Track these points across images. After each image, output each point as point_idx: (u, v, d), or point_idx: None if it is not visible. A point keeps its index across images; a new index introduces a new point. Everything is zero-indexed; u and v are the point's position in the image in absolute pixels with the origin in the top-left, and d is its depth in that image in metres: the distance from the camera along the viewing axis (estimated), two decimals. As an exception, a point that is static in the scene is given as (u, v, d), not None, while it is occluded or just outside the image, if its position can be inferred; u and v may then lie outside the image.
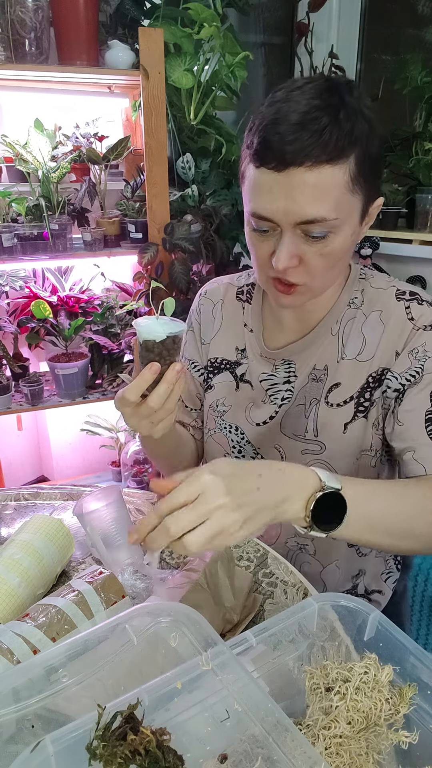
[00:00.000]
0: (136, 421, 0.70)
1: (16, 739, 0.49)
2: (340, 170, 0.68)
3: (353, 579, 0.98)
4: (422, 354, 0.81)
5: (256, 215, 0.73)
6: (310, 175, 0.68)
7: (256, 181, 0.71)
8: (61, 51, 1.77)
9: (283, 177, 0.68)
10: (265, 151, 0.69)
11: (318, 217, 0.69)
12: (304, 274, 0.75)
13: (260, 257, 0.77)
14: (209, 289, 1.01)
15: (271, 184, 0.70)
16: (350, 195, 0.71)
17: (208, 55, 1.90)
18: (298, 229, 0.71)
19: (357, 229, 0.76)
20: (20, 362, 1.98)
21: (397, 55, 2.31)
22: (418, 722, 0.51)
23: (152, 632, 0.53)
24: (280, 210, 0.70)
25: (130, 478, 2.23)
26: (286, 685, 0.54)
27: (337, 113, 0.67)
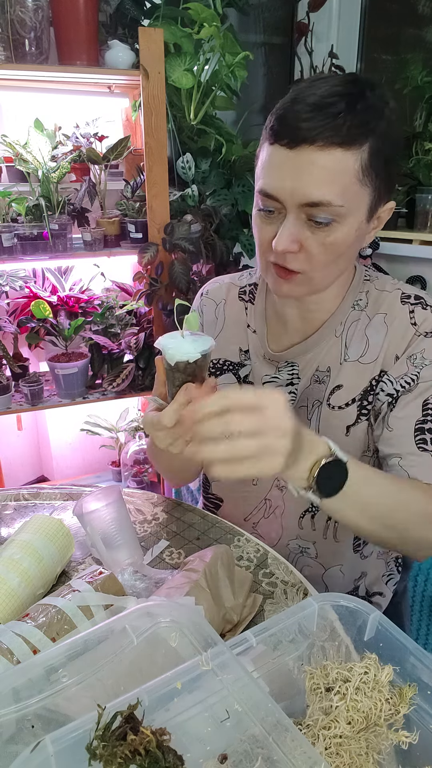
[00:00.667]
0: (169, 441, 0.68)
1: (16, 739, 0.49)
2: (351, 157, 0.68)
3: (354, 582, 0.98)
4: (420, 361, 0.81)
5: (263, 192, 0.73)
6: (320, 156, 0.68)
7: (269, 158, 0.72)
8: (61, 51, 1.77)
9: (294, 154, 0.69)
10: (279, 128, 0.69)
11: (324, 201, 0.69)
12: (304, 261, 0.74)
13: (263, 240, 0.76)
14: (211, 289, 1.00)
15: (281, 161, 0.70)
16: (359, 185, 0.71)
17: (208, 55, 1.90)
18: (303, 212, 0.71)
19: (363, 227, 0.75)
20: (20, 362, 1.98)
21: (397, 54, 2.31)
22: (418, 722, 0.51)
23: (152, 632, 0.53)
24: (287, 189, 0.70)
25: (130, 478, 2.23)
26: (286, 685, 0.54)
27: (355, 102, 0.68)
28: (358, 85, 0.70)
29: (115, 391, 1.99)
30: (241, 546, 0.88)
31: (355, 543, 0.94)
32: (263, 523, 0.97)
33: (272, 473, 0.61)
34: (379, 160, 0.71)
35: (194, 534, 0.91)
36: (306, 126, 0.67)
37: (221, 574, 0.72)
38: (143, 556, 0.84)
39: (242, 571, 0.77)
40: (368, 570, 0.99)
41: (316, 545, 0.94)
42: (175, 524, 0.94)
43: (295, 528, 0.94)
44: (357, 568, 0.97)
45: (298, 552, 0.95)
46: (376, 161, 0.70)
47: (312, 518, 0.92)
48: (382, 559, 1.02)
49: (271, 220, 0.74)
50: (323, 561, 0.95)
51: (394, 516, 0.74)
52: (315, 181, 0.69)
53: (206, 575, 0.70)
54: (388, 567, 1.04)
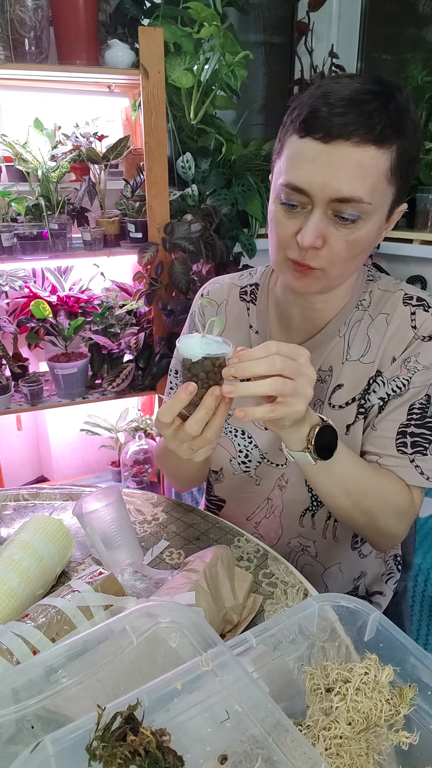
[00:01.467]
0: (176, 444, 0.68)
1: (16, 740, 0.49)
2: (383, 155, 0.69)
3: (354, 581, 0.98)
4: (414, 365, 0.81)
5: (291, 186, 0.72)
6: (355, 152, 0.68)
7: (298, 150, 0.71)
8: (60, 50, 1.77)
9: (329, 149, 0.68)
10: (313, 120, 0.69)
11: (355, 197, 0.69)
12: (325, 258, 0.74)
13: (283, 235, 0.75)
14: (211, 290, 0.99)
15: (314, 155, 0.69)
16: (386, 184, 0.71)
17: (208, 54, 1.90)
18: (330, 208, 0.71)
19: (382, 225, 0.76)
20: (20, 362, 1.98)
21: (397, 54, 2.31)
22: (418, 723, 0.51)
23: (152, 633, 0.53)
24: (319, 182, 0.69)
25: (130, 478, 2.23)
26: (286, 685, 0.54)
27: (387, 102, 0.69)
28: (387, 86, 0.71)
29: (115, 391, 1.99)
30: (241, 546, 0.88)
31: (353, 541, 0.94)
32: (265, 523, 0.97)
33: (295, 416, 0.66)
34: (405, 162, 0.72)
35: (194, 534, 0.91)
36: (341, 121, 0.67)
37: (221, 574, 0.72)
38: (143, 556, 0.84)
39: (242, 572, 0.77)
40: (367, 569, 0.99)
41: (316, 544, 0.94)
42: (175, 524, 0.94)
43: (296, 526, 0.94)
44: (356, 566, 0.97)
45: (299, 550, 0.95)
46: (403, 162, 0.71)
47: (312, 517, 0.92)
48: (380, 557, 1.02)
49: (294, 214, 0.73)
50: (323, 560, 0.95)
51: (368, 497, 0.80)
52: (348, 177, 0.68)
53: (206, 575, 0.70)
54: (387, 566, 1.04)
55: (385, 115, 0.68)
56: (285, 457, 0.91)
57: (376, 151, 0.68)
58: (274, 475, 0.93)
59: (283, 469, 0.92)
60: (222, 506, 1.02)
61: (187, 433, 0.64)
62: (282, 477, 0.92)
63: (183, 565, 0.76)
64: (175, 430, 0.66)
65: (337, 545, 0.93)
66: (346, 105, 0.67)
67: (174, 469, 0.98)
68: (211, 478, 1.02)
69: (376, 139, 0.68)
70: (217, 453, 0.97)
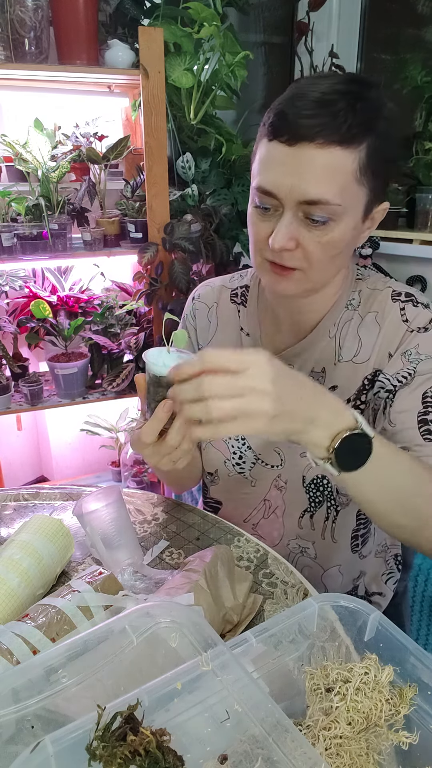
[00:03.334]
0: (157, 458, 0.69)
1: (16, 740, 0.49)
2: (350, 156, 0.68)
3: (353, 581, 0.98)
4: (415, 356, 0.80)
5: (262, 189, 0.72)
6: (320, 153, 0.68)
7: (267, 154, 0.71)
8: (60, 50, 1.77)
9: (294, 151, 0.68)
10: (279, 124, 0.69)
11: (322, 199, 0.69)
12: (301, 258, 0.74)
13: (258, 237, 0.76)
14: (202, 293, 0.99)
15: (281, 158, 0.70)
16: (357, 185, 0.71)
17: (208, 54, 1.90)
18: (300, 210, 0.71)
19: (359, 226, 0.75)
20: (20, 362, 1.98)
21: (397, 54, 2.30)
22: (418, 723, 0.51)
23: (152, 633, 0.53)
24: (286, 185, 0.70)
25: (130, 478, 2.23)
26: (286, 685, 0.54)
27: (355, 101, 0.68)
28: (358, 85, 0.70)
29: (115, 391, 1.99)
30: (241, 546, 0.88)
31: (353, 543, 0.94)
32: (263, 524, 0.97)
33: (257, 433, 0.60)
34: (377, 161, 0.71)
35: (194, 534, 0.91)
36: (306, 123, 0.67)
37: (221, 574, 0.72)
38: (143, 556, 0.84)
39: (242, 571, 0.77)
40: (366, 569, 0.99)
41: (315, 545, 0.94)
42: (175, 524, 0.94)
43: (295, 528, 0.94)
44: (356, 567, 0.97)
45: (298, 552, 0.95)
46: (374, 161, 0.70)
47: (311, 518, 0.92)
48: (380, 557, 1.02)
49: (268, 217, 0.74)
50: (322, 562, 0.95)
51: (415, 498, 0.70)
52: (314, 179, 0.68)
53: (206, 575, 0.70)
54: (388, 565, 1.03)
55: (352, 115, 0.67)
56: (280, 458, 0.91)
57: (342, 152, 0.68)
58: (269, 476, 0.93)
59: (279, 470, 0.92)
60: (219, 508, 1.02)
61: (170, 445, 0.66)
62: (279, 478, 0.92)
63: (183, 565, 0.76)
64: (154, 446, 0.67)
65: (337, 547, 0.93)
66: (312, 107, 0.67)
67: (163, 472, 0.98)
68: (206, 479, 1.02)
69: (341, 139, 0.67)
70: (211, 455, 0.97)
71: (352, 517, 0.91)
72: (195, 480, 1.04)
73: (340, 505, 0.89)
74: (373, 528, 0.97)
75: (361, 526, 0.93)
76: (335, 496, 0.89)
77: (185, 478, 1.01)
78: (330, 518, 0.91)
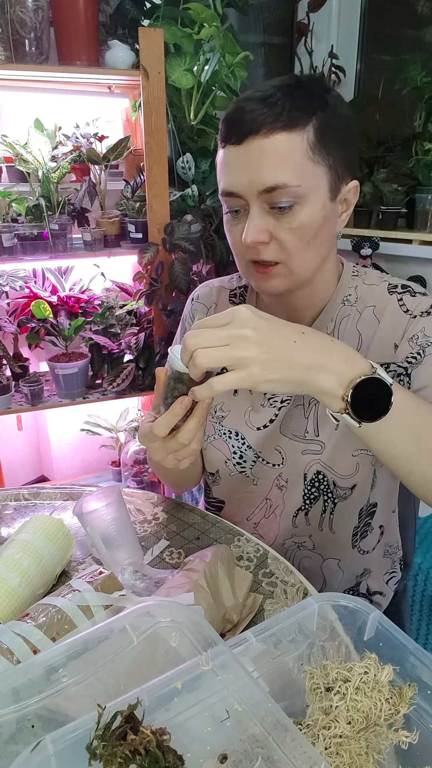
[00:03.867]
0: (163, 455, 0.69)
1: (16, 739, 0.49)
2: (297, 137, 0.71)
3: (357, 578, 0.98)
4: (423, 339, 0.80)
5: (224, 193, 0.75)
6: (267, 142, 0.70)
7: (223, 160, 0.75)
8: (61, 51, 1.77)
9: (243, 148, 0.71)
10: (227, 129, 0.73)
11: (279, 183, 0.71)
12: (277, 250, 0.75)
13: (235, 242, 0.78)
14: (201, 294, 1.00)
15: (234, 159, 0.73)
16: (311, 164, 0.72)
17: (208, 55, 1.90)
18: (264, 201, 0.73)
19: (328, 206, 0.75)
20: (20, 362, 1.98)
21: (397, 55, 2.31)
22: (418, 722, 0.51)
23: (152, 632, 0.53)
24: (244, 181, 0.72)
25: (130, 478, 2.23)
26: (286, 684, 0.54)
27: (292, 90, 0.71)
28: (295, 79, 0.74)
29: (115, 391, 1.99)
30: (241, 546, 0.88)
31: (353, 539, 0.94)
32: (264, 523, 0.97)
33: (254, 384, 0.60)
34: (328, 138, 0.72)
35: (194, 534, 0.91)
36: (249, 118, 0.70)
37: (221, 573, 0.72)
38: (143, 556, 0.84)
39: (242, 571, 0.77)
40: (372, 567, 0.99)
41: (312, 537, 0.94)
42: (175, 524, 0.94)
43: (289, 527, 0.94)
44: (358, 563, 0.97)
45: (294, 548, 0.95)
46: (325, 139, 0.72)
47: (306, 515, 0.92)
48: (389, 557, 1.01)
49: (239, 219, 0.76)
50: (321, 551, 0.94)
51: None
52: (267, 167, 0.71)
53: (206, 575, 0.70)
54: (393, 565, 1.03)
55: (290, 101, 0.70)
56: (281, 456, 0.91)
57: (288, 135, 0.70)
58: (270, 475, 0.93)
59: (281, 468, 0.92)
60: (221, 507, 1.02)
61: (180, 443, 0.66)
62: (280, 476, 0.92)
63: (183, 564, 0.76)
64: (163, 442, 0.68)
65: (336, 538, 0.93)
66: (253, 106, 0.71)
67: (164, 469, 0.98)
68: (208, 480, 1.02)
69: (284, 124, 0.70)
70: (212, 455, 0.97)
71: (351, 510, 0.91)
72: (195, 480, 1.04)
73: (337, 498, 0.89)
74: (383, 527, 0.97)
75: (362, 522, 0.93)
76: (333, 489, 0.89)
77: (185, 478, 1.01)
78: (327, 511, 0.91)
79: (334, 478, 0.88)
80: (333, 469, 0.88)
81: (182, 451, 0.68)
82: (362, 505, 0.91)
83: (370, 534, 0.95)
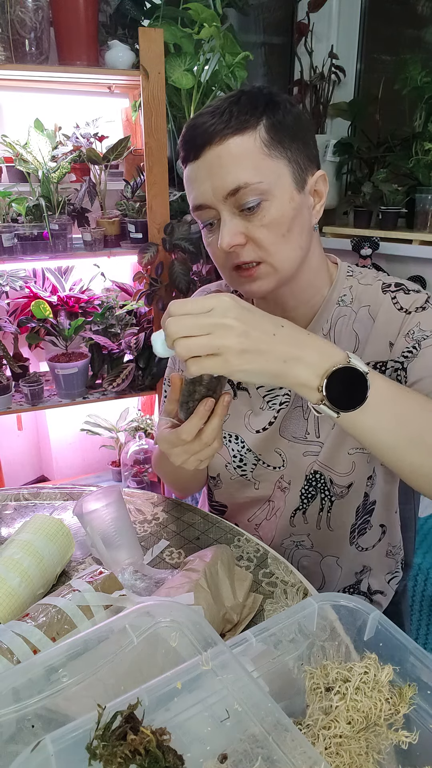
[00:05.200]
0: (184, 458, 0.70)
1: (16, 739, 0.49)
2: (249, 138, 0.72)
3: (356, 575, 0.98)
4: (419, 333, 0.79)
5: (194, 208, 0.78)
6: (221, 149, 0.72)
7: (186, 178, 0.78)
8: (61, 51, 1.77)
9: (202, 161, 0.74)
10: (184, 148, 0.76)
11: (240, 183, 0.72)
12: (255, 250, 0.76)
13: (216, 252, 0.79)
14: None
15: (196, 173, 0.75)
16: (269, 159, 0.73)
17: (208, 55, 1.90)
18: (232, 205, 0.74)
19: (298, 198, 0.76)
20: (20, 362, 1.98)
21: (397, 55, 2.31)
22: (417, 722, 0.51)
23: (152, 632, 0.53)
24: (208, 190, 0.74)
25: (130, 478, 2.23)
26: (286, 684, 0.54)
27: (238, 99, 0.74)
28: (241, 90, 0.76)
29: (115, 391, 1.99)
30: (241, 546, 0.88)
31: (350, 536, 0.94)
32: (265, 524, 0.97)
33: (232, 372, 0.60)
34: (282, 134, 0.74)
35: (194, 534, 0.91)
36: (202, 132, 0.73)
37: (221, 573, 0.72)
38: (143, 556, 0.84)
39: (242, 571, 0.77)
40: (372, 564, 0.99)
41: (311, 536, 0.94)
42: (175, 524, 0.94)
43: (288, 527, 0.94)
44: (356, 560, 0.97)
45: (293, 547, 0.95)
46: (279, 135, 0.73)
47: (303, 514, 0.92)
48: (392, 558, 1.01)
49: (214, 231, 0.78)
50: (319, 549, 0.95)
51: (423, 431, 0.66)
52: (226, 171, 0.72)
53: (206, 575, 0.70)
54: (396, 565, 1.03)
55: (236, 106, 0.73)
56: (282, 459, 0.91)
57: (240, 138, 0.72)
58: (272, 478, 0.93)
59: (282, 470, 0.92)
60: (224, 511, 1.02)
61: (204, 443, 0.67)
62: (282, 479, 0.92)
63: (183, 564, 0.76)
64: (186, 445, 0.69)
65: (334, 535, 0.93)
66: (204, 120, 0.73)
67: (172, 474, 0.99)
68: (210, 483, 1.02)
69: (234, 129, 0.72)
70: (212, 459, 0.97)
71: (348, 508, 0.91)
72: (200, 485, 1.04)
73: (334, 496, 0.89)
74: (385, 527, 0.97)
75: (359, 519, 0.93)
76: (329, 488, 0.89)
77: (191, 481, 1.01)
78: (324, 509, 0.91)
79: (331, 476, 0.88)
80: (330, 467, 0.88)
81: (205, 451, 0.69)
82: (359, 502, 0.91)
83: (368, 531, 0.95)
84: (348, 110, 2.42)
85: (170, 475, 0.99)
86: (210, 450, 0.69)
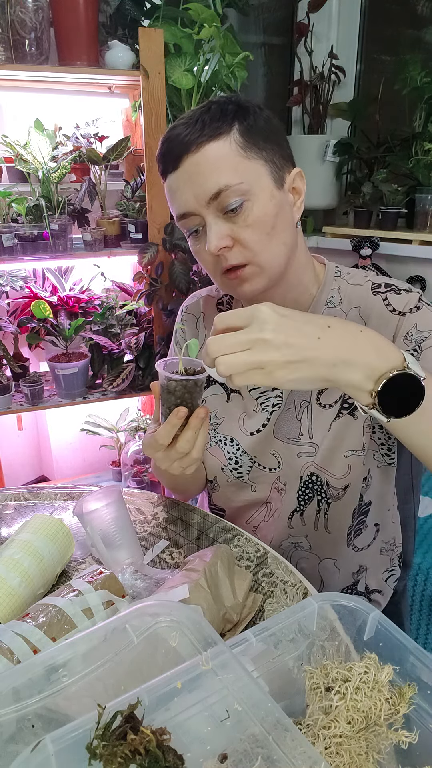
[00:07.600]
0: (168, 463, 0.71)
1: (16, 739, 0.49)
2: (224, 143, 0.74)
3: (353, 576, 0.98)
4: (417, 335, 0.79)
5: (178, 217, 0.79)
6: (198, 156, 0.74)
7: (168, 189, 0.79)
8: (61, 51, 1.77)
9: (181, 170, 0.75)
10: (163, 160, 0.78)
11: (221, 186, 0.73)
12: (243, 251, 0.76)
13: (204, 258, 0.80)
14: (189, 305, 1.01)
15: (176, 183, 0.77)
16: (246, 160, 0.74)
17: (208, 55, 1.90)
18: (216, 209, 0.75)
19: (279, 195, 0.77)
20: (20, 362, 1.98)
21: (397, 55, 2.31)
22: (417, 722, 0.51)
23: (152, 632, 0.53)
24: (190, 197, 0.75)
25: (130, 478, 2.23)
26: (286, 684, 0.54)
27: (209, 109, 0.76)
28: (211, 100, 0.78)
29: (116, 391, 1.99)
30: (241, 546, 0.88)
31: (347, 537, 0.94)
32: (263, 526, 0.97)
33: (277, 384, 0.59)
34: (256, 136, 0.75)
35: (194, 534, 0.91)
36: (178, 142, 0.75)
37: (221, 573, 0.72)
38: (143, 555, 0.84)
39: (242, 571, 0.77)
40: (368, 564, 0.99)
41: (308, 538, 0.94)
42: (175, 524, 0.94)
43: (285, 528, 0.94)
44: (353, 561, 0.97)
45: (291, 548, 0.95)
46: (253, 138, 0.75)
47: (301, 516, 0.92)
48: (386, 554, 1.01)
49: (201, 238, 0.79)
50: (317, 551, 0.95)
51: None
52: (205, 176, 0.74)
53: (206, 575, 0.70)
54: (392, 563, 1.03)
55: (207, 115, 0.74)
56: (277, 460, 0.91)
57: (215, 143, 0.74)
58: (268, 479, 0.93)
59: (278, 472, 0.92)
60: (223, 515, 1.02)
61: (180, 451, 0.68)
62: (278, 480, 0.92)
63: (183, 564, 0.76)
64: (166, 451, 0.70)
65: (331, 537, 0.93)
66: (178, 131, 0.75)
67: (170, 478, 0.99)
68: (208, 487, 1.02)
69: (208, 136, 0.73)
70: (209, 462, 0.97)
71: (344, 510, 0.91)
72: (199, 488, 1.04)
73: (331, 498, 0.89)
74: (379, 525, 0.97)
75: (356, 521, 0.93)
76: (326, 490, 0.89)
77: (190, 484, 1.01)
78: (321, 511, 0.91)
79: (327, 479, 0.88)
80: (326, 469, 0.88)
81: (184, 459, 0.70)
82: (355, 504, 0.91)
83: (364, 531, 0.95)
84: (348, 110, 2.42)
85: (168, 478, 1.00)
86: (189, 459, 0.70)
